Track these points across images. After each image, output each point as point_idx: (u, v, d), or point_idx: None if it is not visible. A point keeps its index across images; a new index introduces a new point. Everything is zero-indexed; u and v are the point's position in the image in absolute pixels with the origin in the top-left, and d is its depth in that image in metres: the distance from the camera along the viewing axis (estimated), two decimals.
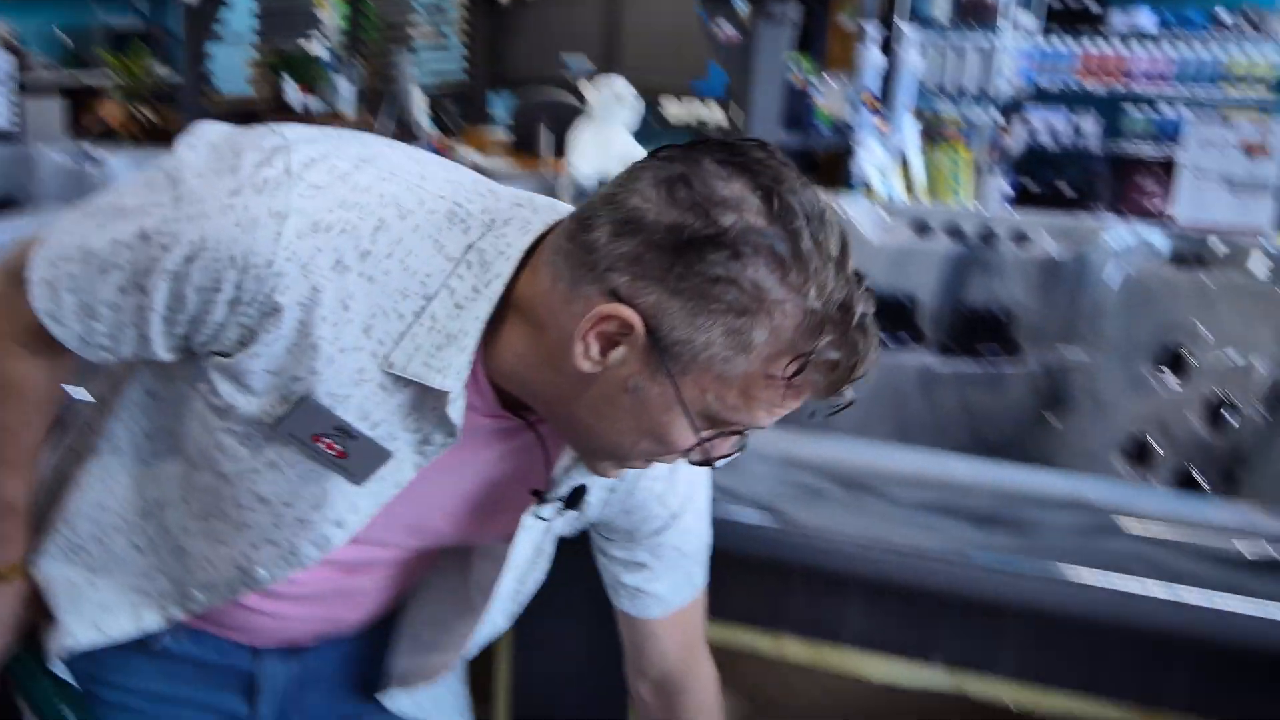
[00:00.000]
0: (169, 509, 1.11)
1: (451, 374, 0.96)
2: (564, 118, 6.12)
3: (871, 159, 4.40)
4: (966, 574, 1.40)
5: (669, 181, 0.88)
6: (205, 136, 0.99)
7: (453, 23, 9.20)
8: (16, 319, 1.03)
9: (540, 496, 1.08)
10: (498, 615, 1.22)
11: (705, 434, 0.94)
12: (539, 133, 4.98)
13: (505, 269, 0.95)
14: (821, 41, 6.65)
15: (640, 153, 2.79)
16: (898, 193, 4.68)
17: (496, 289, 0.95)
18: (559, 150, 4.75)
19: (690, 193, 0.87)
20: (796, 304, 0.87)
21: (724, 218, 0.86)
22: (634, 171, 0.91)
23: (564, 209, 1.00)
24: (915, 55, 4.39)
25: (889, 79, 4.61)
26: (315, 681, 1.29)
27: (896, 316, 2.64)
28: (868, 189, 4.47)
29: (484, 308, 0.95)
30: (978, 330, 2.61)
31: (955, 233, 2.81)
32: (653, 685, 1.29)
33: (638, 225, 0.88)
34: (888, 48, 4.93)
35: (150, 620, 1.15)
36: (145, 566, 1.14)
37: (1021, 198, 6.25)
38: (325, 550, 1.07)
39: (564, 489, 1.09)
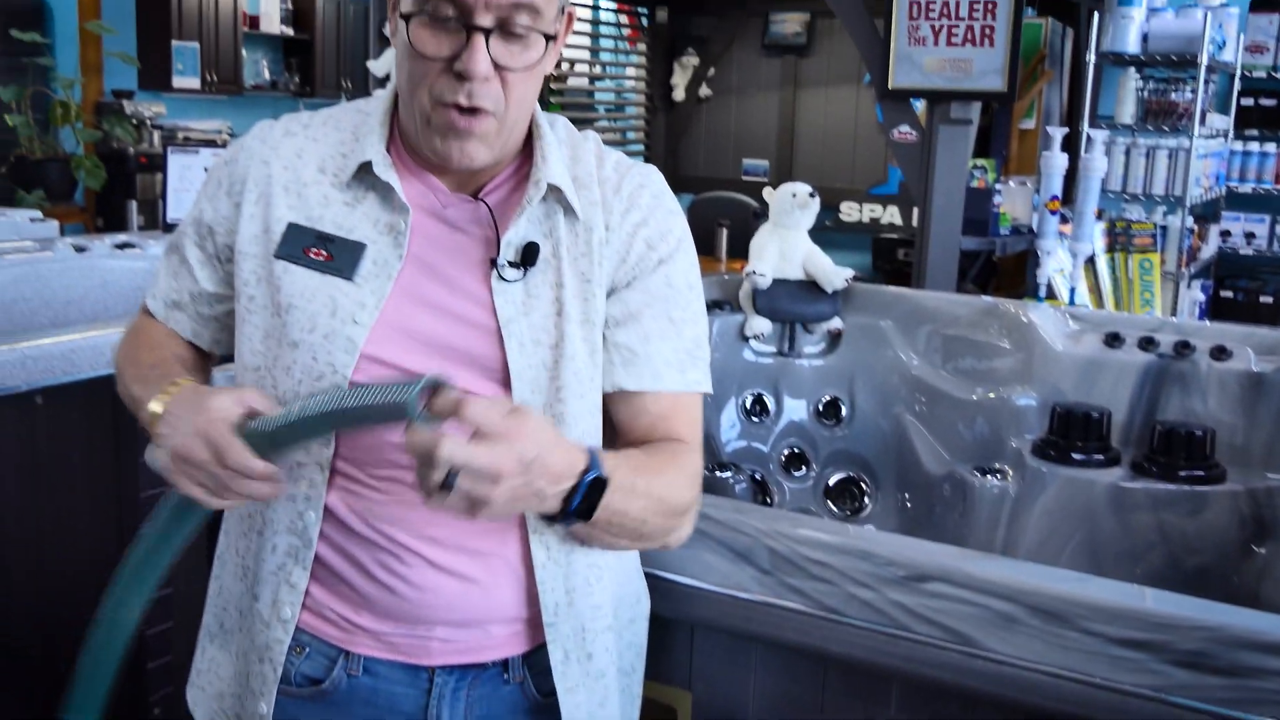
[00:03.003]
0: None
1: (369, 144, 1.29)
2: (740, 219, 6.18)
3: (1055, 263, 4.28)
4: (1172, 716, 1.33)
5: None
6: None
7: (632, 122, 9.42)
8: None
9: (494, 262, 1.27)
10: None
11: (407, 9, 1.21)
12: (716, 233, 5.02)
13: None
14: (1003, 143, 6.57)
15: (824, 258, 2.76)
16: (1082, 299, 4.55)
17: (385, 92, 1.33)
18: (734, 251, 4.78)
19: None
20: None
21: None
22: None
23: None
24: (1100, 157, 4.24)
25: (1072, 181, 4.49)
26: None
27: (1086, 430, 2.53)
28: (1050, 294, 4.36)
29: (379, 103, 1.34)
30: (1174, 448, 2.48)
31: (1147, 343, 2.69)
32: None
33: None
34: (1071, 149, 4.83)
35: (296, 574, 1.29)
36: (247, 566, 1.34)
37: (1215, 307, 6.00)
38: (352, 353, 1.24)
39: (512, 251, 1.28)
